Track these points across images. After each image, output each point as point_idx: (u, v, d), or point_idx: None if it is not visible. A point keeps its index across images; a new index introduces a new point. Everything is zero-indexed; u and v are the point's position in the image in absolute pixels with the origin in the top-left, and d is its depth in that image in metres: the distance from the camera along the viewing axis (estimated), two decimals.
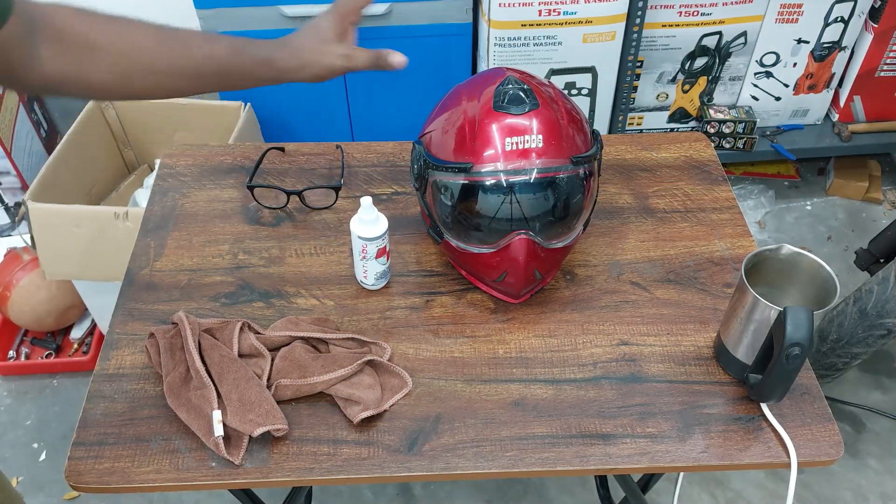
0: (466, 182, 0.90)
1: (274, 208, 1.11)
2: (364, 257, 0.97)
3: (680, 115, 2.20)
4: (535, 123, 0.88)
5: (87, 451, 0.83)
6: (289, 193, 1.11)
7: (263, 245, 1.07)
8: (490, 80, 0.93)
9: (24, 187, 2.14)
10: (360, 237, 0.95)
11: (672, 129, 2.22)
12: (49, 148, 2.28)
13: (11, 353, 1.88)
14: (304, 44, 0.84)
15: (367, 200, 0.93)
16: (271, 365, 0.89)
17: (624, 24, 1.89)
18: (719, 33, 2.00)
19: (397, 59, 0.86)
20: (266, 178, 1.16)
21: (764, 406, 0.87)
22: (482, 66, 2.00)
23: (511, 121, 0.88)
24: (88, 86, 0.73)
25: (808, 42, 2.05)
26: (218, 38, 0.80)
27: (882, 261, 1.78)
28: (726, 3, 1.93)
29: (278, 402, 0.86)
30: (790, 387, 0.83)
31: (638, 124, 2.20)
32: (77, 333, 1.92)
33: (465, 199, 0.92)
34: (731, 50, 2.05)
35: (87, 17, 0.72)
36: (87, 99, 1.04)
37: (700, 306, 0.99)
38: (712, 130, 2.13)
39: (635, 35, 1.92)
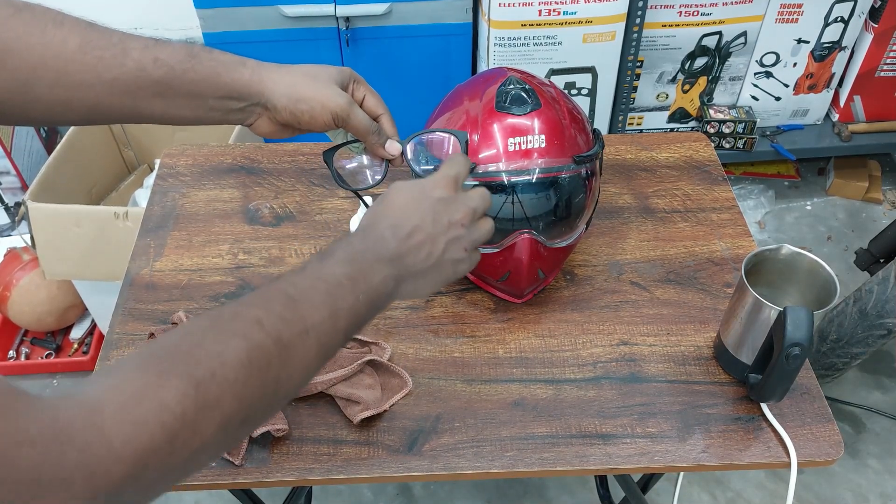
0: (469, 183, 0.90)
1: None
2: None
3: (680, 115, 2.20)
4: (537, 123, 0.88)
5: None
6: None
7: (263, 245, 1.07)
8: (491, 80, 0.93)
9: (24, 187, 2.14)
10: None
11: (672, 129, 2.22)
12: (49, 148, 2.28)
13: (11, 353, 1.88)
14: (298, 70, 0.72)
15: (367, 200, 0.93)
16: None
17: (624, 24, 1.89)
18: (719, 33, 2.00)
19: (393, 147, 0.76)
20: (266, 178, 1.16)
21: (764, 406, 0.87)
22: (482, 66, 2.00)
23: (513, 121, 0.88)
24: None
25: (808, 42, 2.05)
26: (169, 42, 0.66)
27: (882, 261, 1.78)
28: (726, 3, 1.94)
29: None
30: (790, 387, 0.83)
31: (638, 124, 2.20)
32: (77, 333, 1.92)
33: None
34: (731, 50, 2.05)
35: None
36: None
37: (700, 306, 0.99)
38: (712, 130, 2.13)
39: (635, 35, 1.92)
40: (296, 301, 0.55)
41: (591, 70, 1.97)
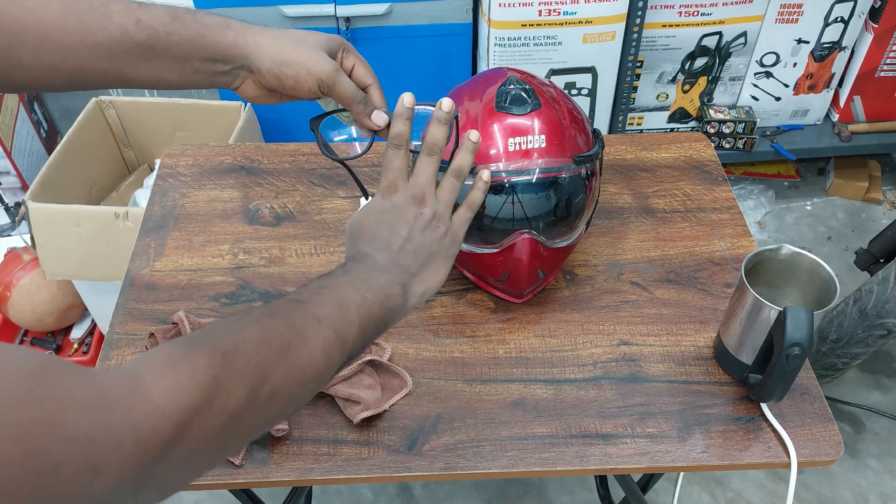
0: (469, 183, 0.90)
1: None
2: None
3: (680, 115, 2.20)
4: (537, 123, 0.88)
5: None
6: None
7: (263, 245, 1.07)
8: (491, 80, 0.93)
9: (24, 187, 2.14)
10: None
11: (672, 129, 2.22)
12: (49, 148, 2.28)
13: None
14: (286, 34, 0.71)
15: (366, 200, 0.93)
16: None
17: (624, 24, 1.89)
18: (719, 33, 2.00)
19: (380, 118, 0.73)
20: (266, 178, 1.16)
21: (764, 406, 0.87)
22: (482, 66, 2.00)
23: (513, 121, 0.88)
24: None
25: (808, 42, 2.05)
26: (152, 5, 0.65)
27: (882, 261, 1.78)
28: (726, 3, 1.94)
29: None
30: (790, 387, 0.83)
31: (638, 124, 2.20)
32: (77, 333, 1.92)
33: None
34: (731, 50, 2.05)
35: None
36: None
37: (700, 306, 0.99)
38: (712, 130, 2.13)
39: (635, 35, 1.92)
40: (302, 303, 0.58)
41: (591, 70, 1.97)
